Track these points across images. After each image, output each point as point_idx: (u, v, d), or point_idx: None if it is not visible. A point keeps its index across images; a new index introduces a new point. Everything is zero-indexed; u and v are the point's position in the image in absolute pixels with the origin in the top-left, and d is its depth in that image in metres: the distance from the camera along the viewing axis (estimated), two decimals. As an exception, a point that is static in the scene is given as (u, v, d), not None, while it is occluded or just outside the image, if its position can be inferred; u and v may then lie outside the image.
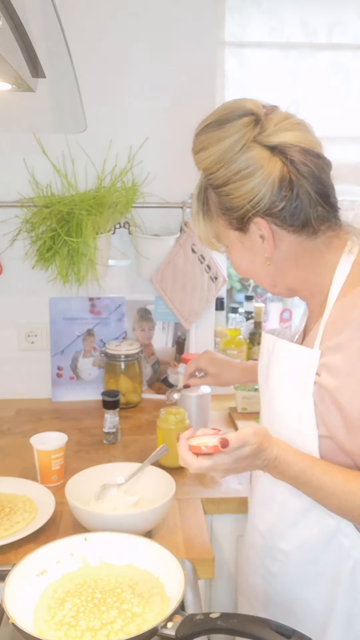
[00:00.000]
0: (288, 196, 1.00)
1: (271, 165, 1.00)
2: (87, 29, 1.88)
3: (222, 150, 1.02)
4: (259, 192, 1.01)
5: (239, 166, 1.01)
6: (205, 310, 2.08)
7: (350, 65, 2.05)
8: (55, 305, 2.08)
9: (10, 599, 0.97)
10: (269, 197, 1.01)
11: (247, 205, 1.02)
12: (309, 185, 1.01)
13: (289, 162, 1.00)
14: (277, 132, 1.01)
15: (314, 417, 1.03)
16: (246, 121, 1.01)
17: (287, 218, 1.02)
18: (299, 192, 1.01)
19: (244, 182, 1.01)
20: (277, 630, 0.86)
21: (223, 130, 1.02)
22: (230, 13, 1.97)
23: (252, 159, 1.00)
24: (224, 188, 1.03)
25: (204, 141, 1.04)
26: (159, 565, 1.08)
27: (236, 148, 1.01)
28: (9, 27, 0.86)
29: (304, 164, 1.00)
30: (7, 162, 1.96)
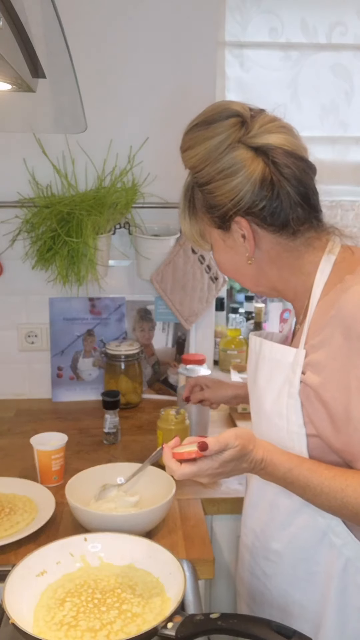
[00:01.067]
0: (268, 196, 1.03)
1: (254, 166, 1.02)
2: (87, 29, 1.88)
3: (208, 149, 1.04)
4: (240, 191, 1.03)
5: (222, 165, 1.03)
6: (205, 311, 2.08)
7: (350, 65, 2.05)
8: (55, 306, 2.08)
9: (11, 599, 0.97)
10: (250, 196, 1.03)
11: (229, 203, 1.04)
12: (290, 187, 1.03)
13: (271, 163, 1.02)
14: (262, 134, 1.03)
15: (301, 416, 1.04)
16: (232, 122, 1.04)
17: (267, 218, 1.04)
18: (279, 192, 1.03)
19: (227, 181, 1.03)
20: (278, 630, 0.86)
21: (209, 130, 1.04)
22: (231, 13, 1.97)
23: (236, 159, 1.03)
24: (208, 186, 1.06)
25: (191, 140, 1.07)
26: (159, 565, 1.08)
27: (221, 148, 1.03)
28: (9, 27, 0.86)
29: (286, 165, 1.02)
30: (7, 162, 1.96)
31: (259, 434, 1.12)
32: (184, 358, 1.89)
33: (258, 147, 1.03)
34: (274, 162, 1.02)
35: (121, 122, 1.96)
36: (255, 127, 1.04)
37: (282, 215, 1.04)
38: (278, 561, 1.15)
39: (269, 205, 1.03)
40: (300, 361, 1.04)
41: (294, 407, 1.04)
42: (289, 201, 1.03)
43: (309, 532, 1.09)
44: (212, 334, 2.15)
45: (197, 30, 1.92)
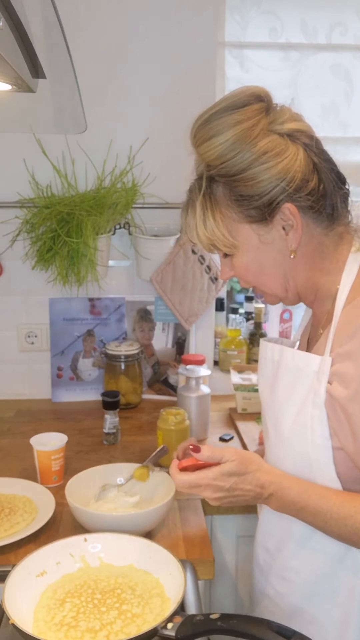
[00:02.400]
0: (314, 179, 0.98)
1: (293, 149, 0.97)
2: (87, 30, 1.88)
3: (238, 136, 0.97)
4: (289, 173, 0.96)
5: (263, 147, 0.96)
6: (205, 311, 2.08)
7: (350, 65, 2.05)
8: (55, 306, 2.08)
9: (11, 600, 0.97)
10: (301, 177, 0.97)
11: (276, 188, 0.97)
12: (328, 169, 1.00)
13: (308, 146, 0.99)
14: (286, 121, 1.00)
15: (327, 428, 0.98)
16: (258, 107, 0.99)
17: (314, 203, 0.99)
18: (322, 175, 0.99)
19: (273, 163, 0.96)
20: (278, 631, 0.86)
21: (236, 114, 0.98)
22: (231, 14, 1.98)
23: (274, 142, 0.97)
24: (244, 174, 0.98)
25: (215, 127, 0.98)
26: (159, 566, 1.08)
27: (255, 131, 0.97)
28: (9, 27, 0.86)
29: (319, 148, 1.00)
30: (7, 163, 1.96)
31: (278, 447, 1.08)
32: (184, 358, 1.89)
33: (290, 134, 0.98)
34: (307, 145, 0.99)
35: (121, 122, 1.96)
36: (283, 115, 1.00)
37: (329, 197, 0.99)
38: (295, 579, 1.09)
39: (315, 188, 0.98)
40: (326, 370, 0.98)
41: (319, 418, 0.99)
42: (331, 185, 1.00)
43: (331, 548, 1.04)
44: (212, 334, 2.15)
45: (197, 31, 1.92)
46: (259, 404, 1.91)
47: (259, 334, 2.21)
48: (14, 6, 0.84)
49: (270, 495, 1.00)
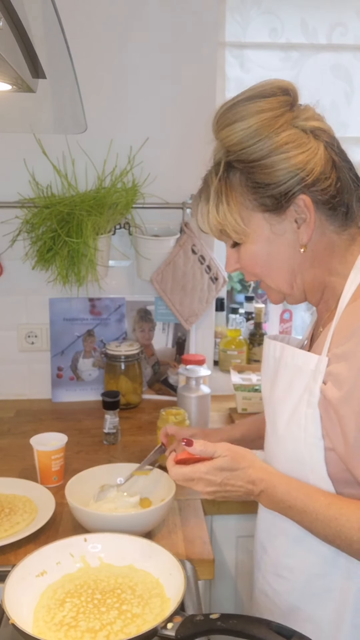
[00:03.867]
0: (332, 175, 0.98)
1: (315, 143, 0.99)
2: (87, 30, 1.88)
3: (263, 122, 0.97)
4: (309, 164, 0.97)
5: (285, 138, 0.97)
6: (205, 311, 2.08)
7: (350, 66, 2.05)
8: (55, 306, 2.08)
9: (10, 600, 0.97)
10: (319, 170, 0.97)
11: (294, 178, 0.97)
12: (347, 169, 1.01)
13: (328, 144, 1.00)
14: (309, 119, 1.01)
15: (319, 428, 0.99)
16: (285, 100, 1.00)
17: (329, 199, 0.99)
18: (340, 174, 0.99)
19: (293, 154, 0.97)
20: (277, 631, 0.86)
21: (263, 102, 0.98)
22: (231, 14, 1.98)
23: (296, 135, 0.98)
24: (263, 161, 0.98)
25: (240, 112, 0.98)
26: (159, 566, 1.08)
27: (279, 122, 0.98)
28: (9, 27, 0.86)
29: (338, 148, 1.01)
30: (7, 163, 1.96)
31: (274, 445, 1.08)
32: (184, 358, 1.89)
33: (313, 130, 0.99)
34: (329, 143, 1.00)
35: (121, 122, 1.96)
36: (302, 111, 1.01)
37: (346, 195, 1.00)
38: (290, 577, 1.09)
39: (333, 184, 0.98)
40: (322, 369, 0.98)
41: (312, 417, 0.99)
42: (348, 185, 1.00)
43: (323, 548, 1.03)
44: (212, 334, 2.15)
45: (197, 31, 1.92)
46: (259, 404, 1.91)
47: (259, 334, 2.21)
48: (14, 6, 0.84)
49: (261, 492, 1.01)
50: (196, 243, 2.00)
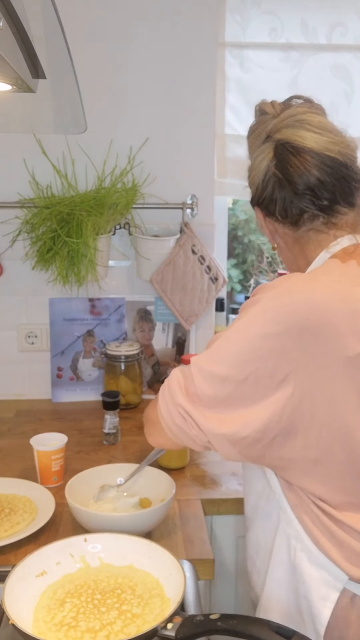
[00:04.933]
0: (269, 188, 1.10)
1: (262, 157, 1.11)
2: (87, 30, 1.88)
3: (249, 144, 1.17)
4: (254, 183, 1.13)
5: (252, 159, 1.14)
6: (205, 311, 2.08)
7: (350, 66, 2.05)
8: (55, 306, 2.08)
9: (10, 600, 0.97)
10: (258, 187, 1.12)
11: (251, 192, 1.15)
12: (285, 181, 1.07)
13: (277, 157, 1.08)
14: (281, 128, 1.10)
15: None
16: (264, 119, 1.14)
17: (268, 206, 1.11)
18: (274, 185, 1.09)
19: (251, 172, 1.14)
20: (277, 631, 0.86)
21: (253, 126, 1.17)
22: (231, 14, 1.97)
23: (259, 153, 1.12)
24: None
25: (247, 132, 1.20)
26: (159, 566, 1.08)
27: (256, 142, 1.14)
28: (9, 27, 0.86)
29: (286, 160, 1.07)
30: (7, 163, 1.96)
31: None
32: (183, 359, 1.88)
33: (277, 141, 1.09)
34: (279, 155, 1.08)
35: (121, 122, 1.96)
36: (276, 122, 1.11)
37: (277, 205, 1.10)
38: (249, 526, 1.19)
39: (269, 195, 1.10)
40: None
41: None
42: (283, 193, 1.08)
43: (265, 501, 1.12)
44: (212, 334, 2.15)
45: (197, 31, 1.92)
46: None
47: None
48: (14, 6, 0.84)
49: None
50: (196, 243, 2.00)
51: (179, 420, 1.03)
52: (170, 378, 1.07)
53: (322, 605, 1.03)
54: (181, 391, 1.02)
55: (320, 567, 1.04)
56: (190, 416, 1.01)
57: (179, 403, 1.02)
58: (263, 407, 0.97)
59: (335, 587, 1.03)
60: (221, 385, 0.99)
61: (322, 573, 1.04)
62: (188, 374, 1.03)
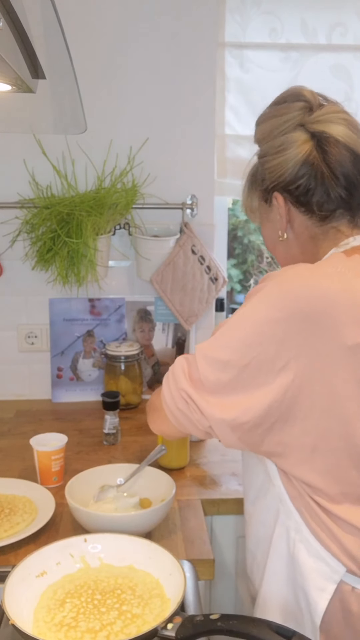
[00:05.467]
0: (307, 177, 1.08)
1: (302, 147, 1.08)
2: (87, 30, 1.88)
3: (271, 127, 1.12)
4: (282, 168, 1.09)
5: (277, 142, 1.10)
6: (205, 311, 2.08)
7: (350, 66, 2.05)
8: (55, 306, 2.08)
9: (10, 600, 0.97)
10: (290, 173, 1.09)
11: (272, 177, 1.11)
12: (329, 174, 1.07)
13: (319, 149, 1.08)
14: (322, 121, 1.10)
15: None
16: (299, 106, 1.11)
17: (300, 197, 1.09)
18: (317, 176, 1.07)
19: (275, 157, 1.10)
20: (278, 631, 0.86)
21: (277, 109, 1.13)
22: (231, 14, 1.97)
23: (289, 139, 1.09)
24: (262, 159, 1.14)
25: (262, 116, 1.16)
26: (159, 566, 1.08)
27: (282, 127, 1.10)
28: (9, 28, 0.86)
29: (332, 153, 1.07)
30: (7, 163, 1.96)
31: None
32: (184, 359, 1.88)
33: (314, 133, 1.08)
34: (321, 147, 1.08)
35: (121, 122, 1.96)
36: (319, 114, 1.10)
37: (314, 198, 1.09)
38: (248, 521, 1.20)
39: (304, 185, 1.08)
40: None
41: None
42: (324, 188, 1.08)
43: (264, 495, 1.12)
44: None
45: (197, 31, 1.92)
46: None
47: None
48: (14, 6, 0.84)
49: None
50: (196, 243, 2.00)
51: (182, 405, 1.05)
52: (175, 365, 1.09)
53: (319, 597, 1.04)
54: (185, 377, 1.05)
55: (318, 558, 1.05)
56: (193, 401, 1.03)
57: (182, 388, 1.04)
58: (264, 393, 0.98)
59: (332, 579, 1.04)
60: (224, 370, 1.00)
61: (319, 565, 1.05)
62: (192, 361, 1.06)
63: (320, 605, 1.04)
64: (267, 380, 0.98)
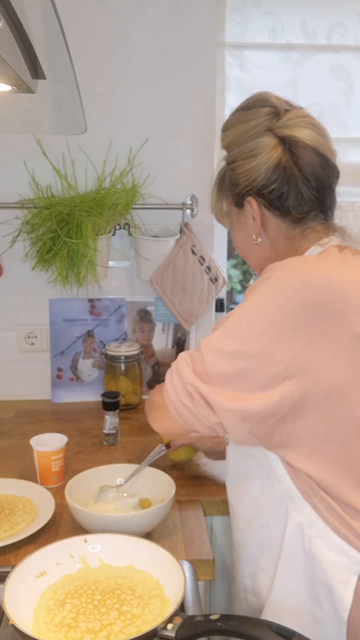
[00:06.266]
0: (279, 181, 1.11)
1: (273, 152, 1.11)
2: (87, 30, 1.88)
3: (239, 132, 1.15)
4: (255, 172, 1.12)
5: (247, 147, 1.13)
6: (205, 312, 2.08)
7: (350, 66, 2.05)
8: (55, 307, 2.08)
9: (10, 601, 0.97)
10: (263, 178, 1.12)
11: (244, 182, 1.14)
12: (301, 177, 1.11)
13: (289, 153, 1.11)
14: (290, 126, 1.12)
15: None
16: (266, 111, 1.14)
17: (274, 201, 1.13)
18: (289, 180, 1.11)
19: (247, 162, 1.13)
20: (278, 632, 0.86)
21: (245, 115, 1.15)
22: (231, 14, 1.97)
23: (259, 144, 1.12)
24: (232, 165, 1.16)
25: (229, 122, 1.18)
26: (159, 566, 1.08)
27: (251, 132, 1.13)
28: (9, 28, 0.86)
29: (302, 158, 1.10)
30: (7, 164, 1.96)
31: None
32: (184, 359, 1.88)
33: (283, 137, 1.11)
34: (291, 151, 1.11)
35: (121, 123, 1.96)
36: (287, 118, 1.13)
37: (288, 201, 1.12)
38: (246, 528, 1.18)
39: (278, 189, 1.12)
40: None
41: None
42: (297, 190, 1.11)
43: (268, 496, 1.11)
44: (212, 335, 2.15)
45: (197, 31, 1.92)
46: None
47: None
48: (14, 6, 0.84)
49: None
50: (196, 244, 2.00)
51: (187, 401, 1.04)
52: (178, 361, 1.08)
53: (344, 589, 1.04)
54: (191, 371, 1.03)
55: (339, 551, 1.04)
56: (200, 394, 1.02)
57: (189, 382, 1.02)
58: (276, 383, 0.98)
59: (353, 570, 1.04)
60: (233, 361, 0.99)
61: (341, 558, 1.04)
62: (197, 355, 1.04)
63: (346, 598, 1.03)
64: (278, 369, 0.97)
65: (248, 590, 1.21)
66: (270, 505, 1.12)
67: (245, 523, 1.19)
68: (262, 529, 1.15)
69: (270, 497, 1.11)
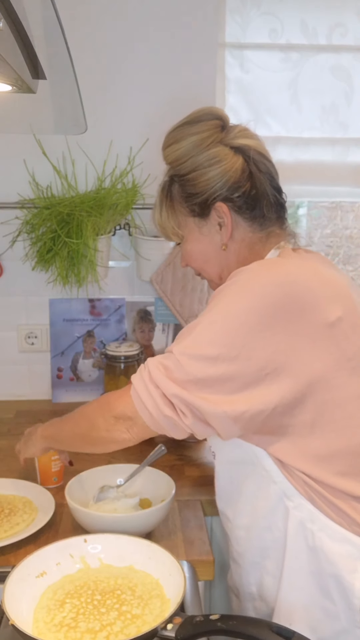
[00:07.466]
0: (247, 185, 1.16)
1: (234, 159, 1.16)
2: (87, 30, 1.88)
3: (192, 144, 1.18)
4: (223, 178, 1.15)
5: (206, 157, 1.16)
6: (205, 312, 2.08)
7: (350, 66, 2.05)
8: (55, 307, 2.08)
9: (10, 601, 0.97)
10: (232, 183, 1.15)
11: (211, 189, 1.16)
12: (265, 179, 1.18)
13: (249, 158, 1.17)
14: (239, 137, 1.19)
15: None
16: (215, 123, 1.19)
17: (244, 204, 1.16)
18: (256, 182, 1.16)
19: (210, 169, 1.16)
20: (278, 632, 0.86)
21: (195, 127, 1.19)
22: (231, 15, 1.97)
23: (218, 153, 1.16)
24: (189, 175, 1.18)
25: (177, 135, 1.21)
26: (159, 566, 1.08)
27: (205, 143, 1.17)
28: (9, 28, 0.86)
29: (260, 162, 1.18)
30: (7, 164, 1.96)
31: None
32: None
33: (237, 147, 1.17)
34: (251, 157, 1.17)
35: (121, 123, 1.96)
36: (235, 132, 1.19)
37: (259, 203, 1.17)
38: (246, 536, 1.19)
39: (248, 192, 1.16)
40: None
41: None
42: (265, 192, 1.17)
43: (266, 499, 1.13)
44: (212, 335, 2.15)
45: (197, 32, 1.92)
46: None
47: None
48: (14, 6, 0.84)
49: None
50: (196, 244, 2.00)
51: (170, 412, 1.03)
52: (152, 372, 1.05)
53: (353, 578, 1.05)
54: (170, 381, 1.02)
55: (343, 541, 1.06)
56: (185, 404, 1.01)
57: (172, 393, 1.02)
58: (260, 380, 1.00)
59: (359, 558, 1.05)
60: (214, 365, 1.00)
61: (345, 547, 1.06)
62: (172, 364, 1.03)
63: (356, 586, 1.05)
64: (260, 366, 0.99)
65: (255, 598, 1.21)
66: (269, 507, 1.12)
67: (245, 531, 1.19)
68: (264, 533, 1.15)
69: (268, 500, 1.12)
